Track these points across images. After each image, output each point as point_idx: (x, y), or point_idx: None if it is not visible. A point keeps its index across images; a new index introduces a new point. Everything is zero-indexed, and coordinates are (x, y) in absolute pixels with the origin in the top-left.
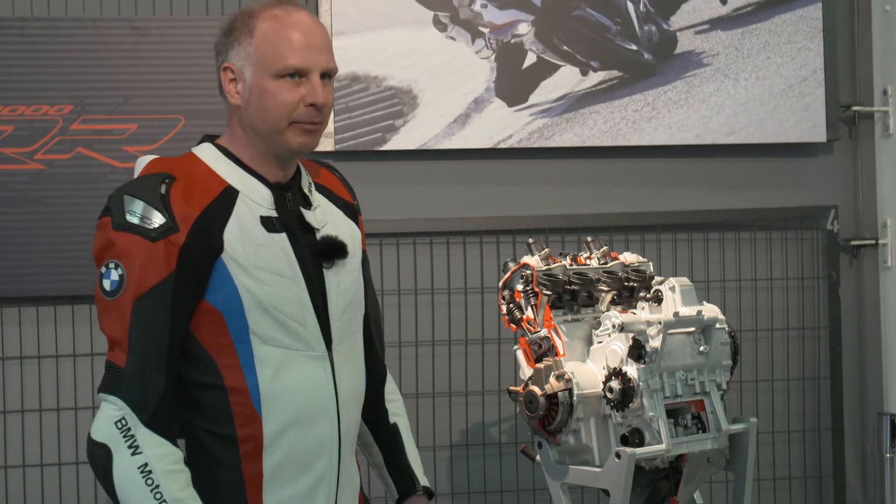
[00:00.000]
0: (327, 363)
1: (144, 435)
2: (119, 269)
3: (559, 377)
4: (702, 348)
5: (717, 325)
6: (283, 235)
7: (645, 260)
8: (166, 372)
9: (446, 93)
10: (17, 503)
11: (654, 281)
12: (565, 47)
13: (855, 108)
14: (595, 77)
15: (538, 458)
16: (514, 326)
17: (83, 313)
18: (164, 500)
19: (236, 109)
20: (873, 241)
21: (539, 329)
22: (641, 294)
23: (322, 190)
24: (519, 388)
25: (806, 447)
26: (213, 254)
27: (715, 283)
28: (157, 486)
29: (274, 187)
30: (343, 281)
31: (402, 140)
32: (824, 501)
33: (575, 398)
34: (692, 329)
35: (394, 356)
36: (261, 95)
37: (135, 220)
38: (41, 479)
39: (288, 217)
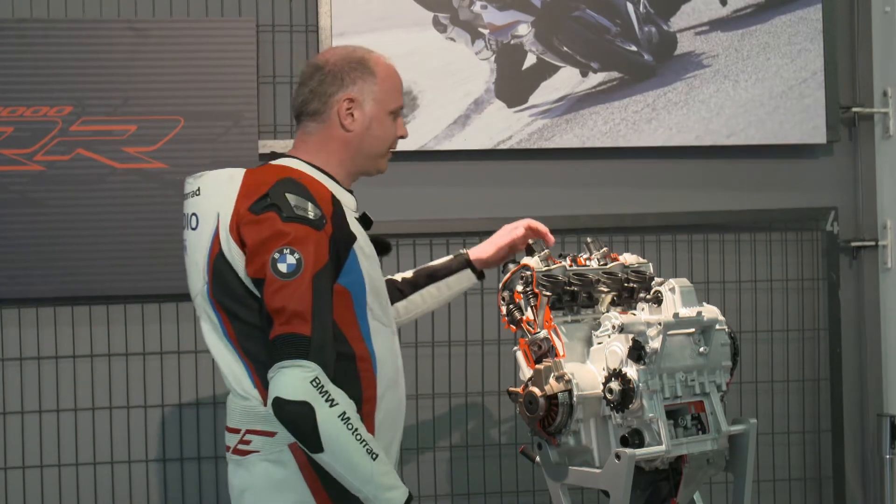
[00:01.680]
0: (397, 337)
1: (334, 390)
2: (296, 254)
3: (559, 378)
4: (701, 349)
5: (717, 327)
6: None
7: (645, 261)
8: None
9: (446, 94)
10: None
11: (653, 282)
12: (565, 48)
13: (855, 109)
14: (595, 78)
15: (538, 459)
16: (514, 327)
17: (83, 314)
18: (364, 440)
19: (341, 134)
20: (873, 243)
21: (539, 330)
22: (641, 295)
23: None
24: (519, 389)
25: (806, 448)
26: (349, 243)
27: (715, 285)
28: (357, 430)
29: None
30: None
31: (401, 141)
32: (824, 503)
33: (575, 399)
34: (692, 330)
35: None
36: (378, 126)
37: (303, 214)
38: (41, 480)
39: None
